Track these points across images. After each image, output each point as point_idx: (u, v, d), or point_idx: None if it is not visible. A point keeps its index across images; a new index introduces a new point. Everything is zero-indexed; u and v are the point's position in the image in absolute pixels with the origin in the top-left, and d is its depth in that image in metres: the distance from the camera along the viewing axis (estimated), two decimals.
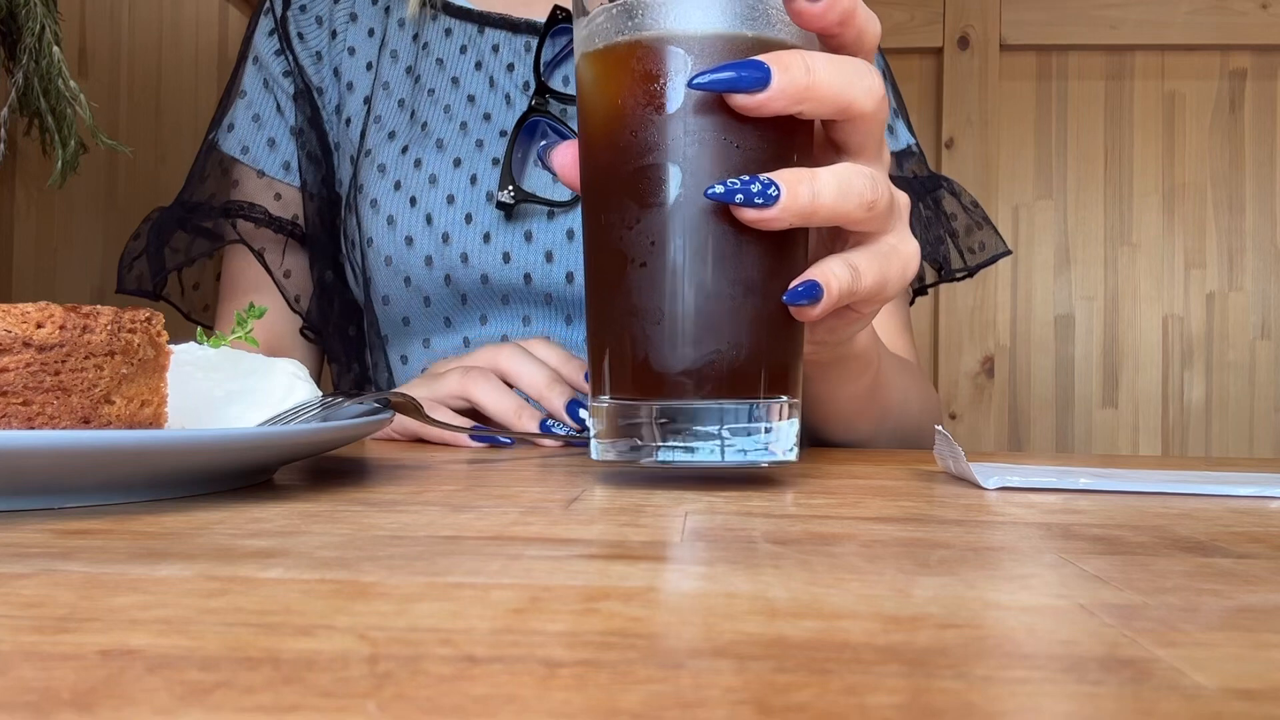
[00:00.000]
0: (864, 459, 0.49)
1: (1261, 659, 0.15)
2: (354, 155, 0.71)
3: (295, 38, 0.74)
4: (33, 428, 0.27)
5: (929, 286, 0.76)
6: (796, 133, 0.34)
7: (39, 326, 0.28)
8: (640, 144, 0.33)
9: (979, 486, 0.35)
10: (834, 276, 0.34)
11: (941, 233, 0.74)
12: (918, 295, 0.79)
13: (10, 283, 1.49)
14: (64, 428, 0.28)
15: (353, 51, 0.73)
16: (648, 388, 0.33)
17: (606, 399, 0.34)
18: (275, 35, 0.75)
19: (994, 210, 1.60)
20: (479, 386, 0.53)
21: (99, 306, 0.29)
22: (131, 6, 1.51)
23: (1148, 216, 1.60)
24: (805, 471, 0.41)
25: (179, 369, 0.35)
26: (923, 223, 0.74)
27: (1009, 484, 0.35)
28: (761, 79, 0.32)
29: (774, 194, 0.32)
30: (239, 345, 0.42)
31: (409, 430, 0.56)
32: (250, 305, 0.45)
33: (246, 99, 0.75)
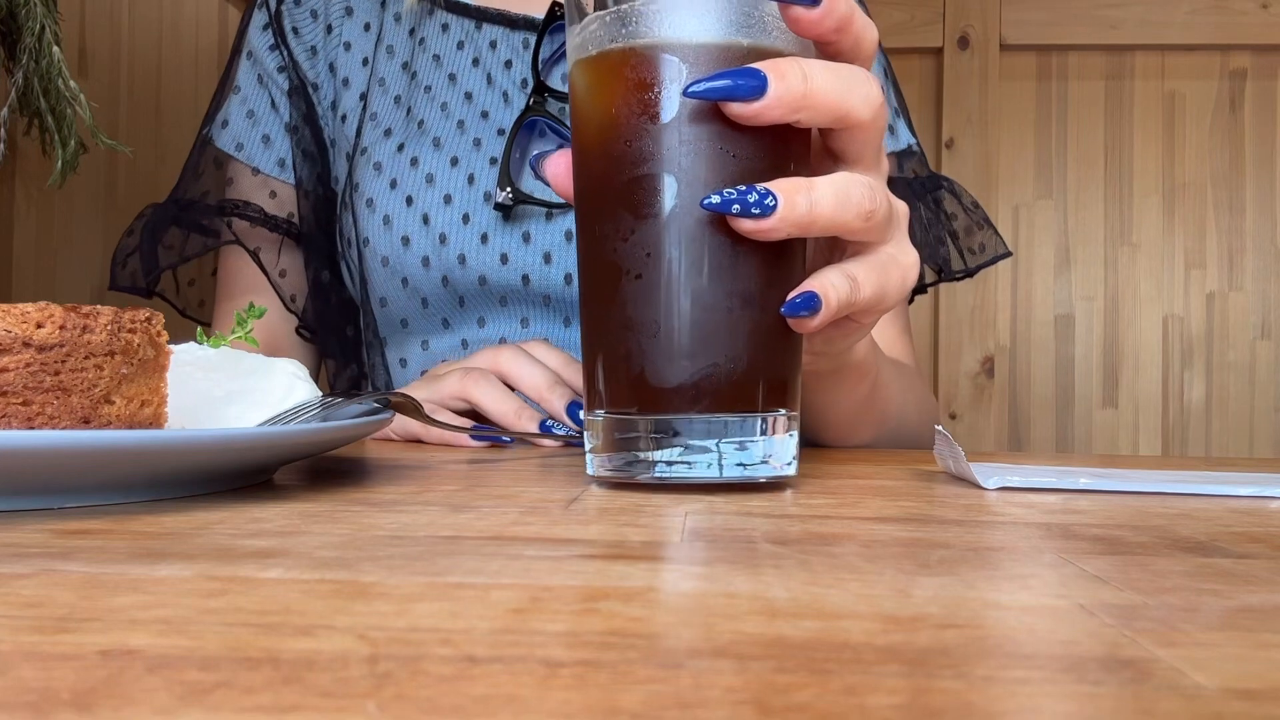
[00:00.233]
0: (864, 459, 0.49)
1: (1262, 659, 0.15)
2: (349, 152, 0.70)
3: (290, 32, 0.73)
4: (33, 428, 0.27)
5: (929, 286, 0.76)
6: (793, 141, 0.34)
7: (39, 326, 0.28)
8: (635, 153, 0.32)
9: (979, 486, 0.35)
10: (832, 288, 0.33)
11: (942, 233, 0.74)
12: (917, 294, 0.79)
13: (10, 283, 1.49)
14: (64, 428, 0.28)
15: (348, 47, 0.73)
16: (644, 402, 0.33)
17: (601, 413, 0.34)
18: (269, 30, 0.74)
19: (994, 210, 1.60)
20: (479, 387, 0.53)
21: (99, 306, 0.29)
22: (131, 6, 1.51)
23: (1148, 216, 1.60)
24: (805, 471, 0.41)
25: (179, 369, 0.35)
26: (923, 223, 0.73)
27: (1009, 484, 0.35)
28: (758, 87, 0.31)
29: (771, 204, 0.31)
30: (239, 345, 0.42)
31: (409, 431, 0.56)
32: (250, 305, 0.45)
33: (240, 94, 0.74)
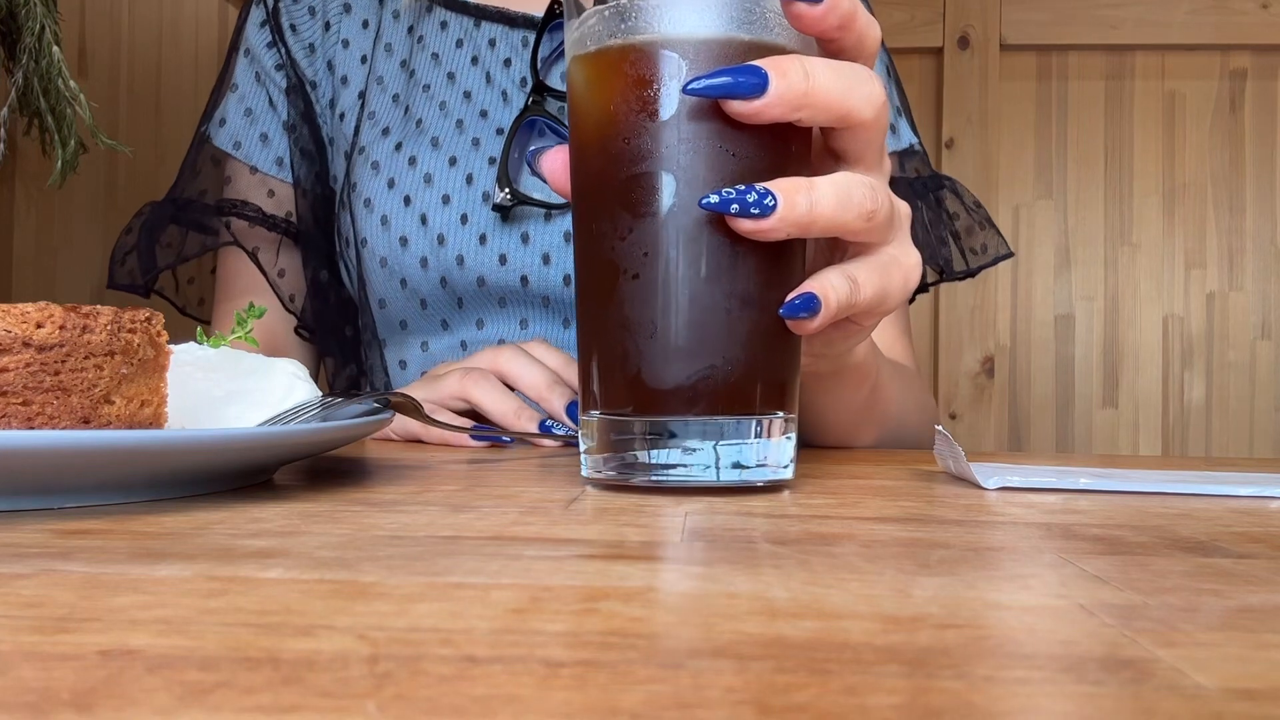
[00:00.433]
0: (864, 459, 0.49)
1: (1262, 659, 0.15)
2: (348, 151, 0.70)
3: (288, 29, 0.73)
4: (32, 428, 0.27)
5: (930, 285, 0.76)
6: (794, 140, 0.33)
7: (39, 326, 0.28)
8: (633, 151, 0.32)
9: (979, 486, 0.35)
10: (832, 289, 0.33)
11: (944, 233, 0.74)
12: (918, 294, 0.79)
13: (10, 283, 1.49)
14: (64, 428, 0.28)
15: (346, 44, 0.72)
16: (640, 403, 0.32)
17: (597, 414, 0.34)
18: (267, 27, 0.73)
19: (994, 210, 1.60)
20: (479, 387, 0.53)
21: (99, 306, 0.29)
22: (131, 6, 1.51)
23: (1148, 216, 1.60)
24: (805, 472, 0.41)
25: (179, 369, 0.35)
26: (925, 223, 0.73)
27: (1009, 484, 0.35)
28: (759, 85, 0.31)
29: (770, 204, 0.31)
30: (239, 345, 0.42)
31: (409, 431, 0.56)
32: (250, 305, 0.45)
33: (238, 92, 0.73)
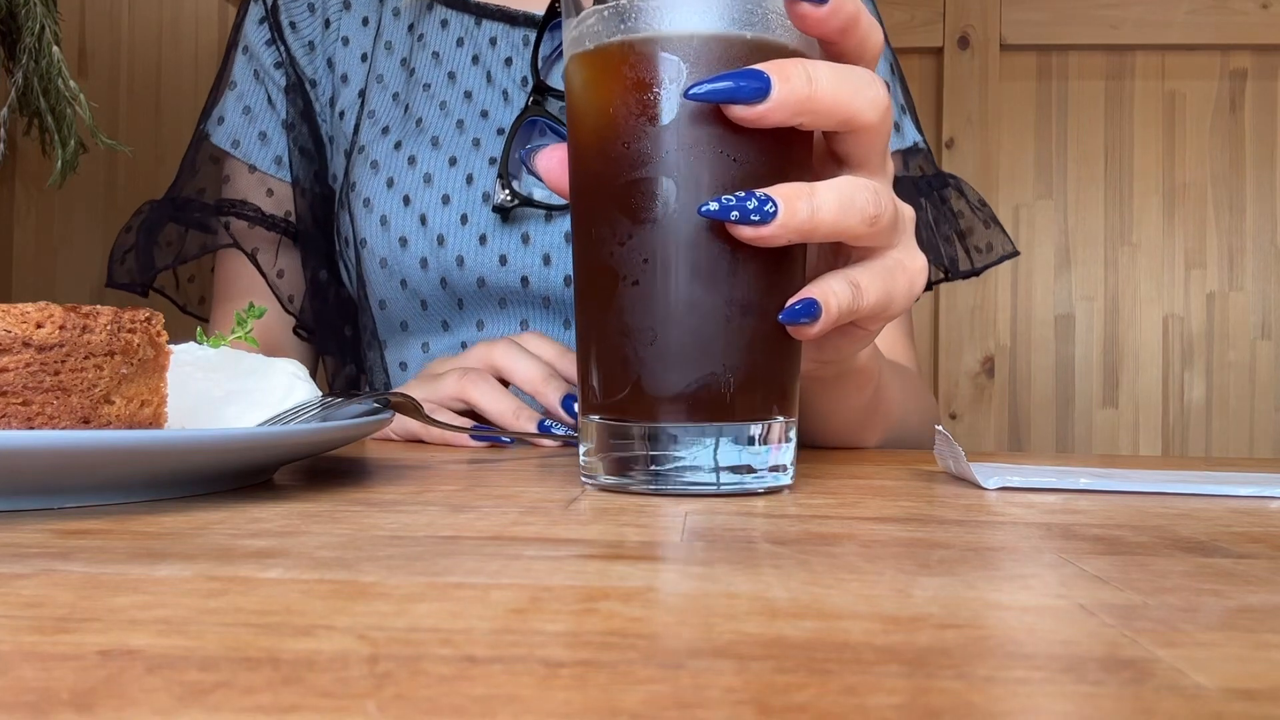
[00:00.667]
0: (864, 459, 0.49)
1: (1262, 659, 0.15)
2: (347, 150, 0.70)
3: (287, 27, 0.72)
4: (32, 428, 0.27)
5: (933, 284, 0.75)
6: (796, 144, 0.33)
7: (39, 326, 0.28)
8: (633, 156, 0.32)
9: (979, 486, 0.35)
10: (833, 294, 0.33)
11: (949, 231, 0.73)
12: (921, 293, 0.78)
13: (10, 283, 1.49)
14: (64, 428, 0.28)
15: (346, 41, 0.72)
16: (640, 410, 0.32)
17: (596, 419, 0.34)
18: (266, 24, 0.73)
19: (994, 210, 1.60)
20: (477, 388, 0.53)
21: (99, 306, 0.29)
22: (131, 6, 1.51)
23: (1148, 216, 1.60)
24: (805, 472, 0.41)
25: (179, 369, 0.35)
26: (929, 221, 0.73)
27: (1009, 484, 0.35)
28: (761, 89, 0.30)
29: (771, 210, 0.30)
30: (239, 345, 0.42)
31: (409, 430, 0.56)
32: (250, 305, 0.45)
33: (237, 90, 0.73)
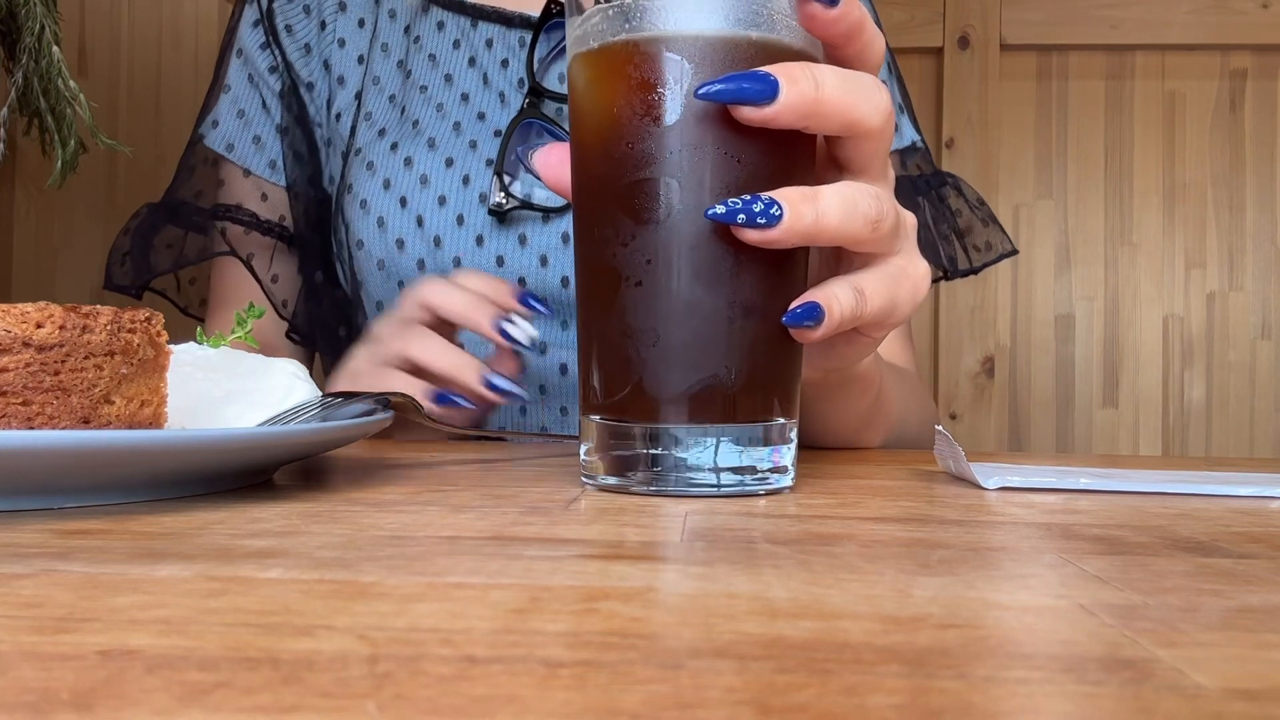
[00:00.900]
0: (864, 459, 0.49)
1: (1261, 659, 0.15)
2: (344, 152, 0.70)
3: (282, 30, 0.72)
4: (32, 428, 0.27)
5: (933, 283, 0.75)
6: (800, 147, 0.33)
7: (39, 326, 0.28)
8: (636, 156, 0.32)
9: (979, 486, 0.35)
10: (836, 299, 0.33)
11: (947, 230, 0.73)
12: None
13: (10, 283, 1.49)
14: (64, 428, 0.28)
15: (343, 43, 0.71)
16: (641, 410, 0.32)
17: (597, 419, 0.34)
18: (260, 27, 0.73)
19: (994, 210, 1.60)
20: (415, 345, 0.52)
21: (99, 306, 0.29)
22: (131, 6, 1.51)
23: (1148, 216, 1.60)
24: (805, 472, 0.41)
25: (179, 369, 0.35)
26: (928, 220, 0.73)
27: (1009, 484, 0.35)
28: (769, 91, 0.30)
29: (776, 214, 0.31)
30: (239, 345, 0.42)
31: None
32: (250, 305, 0.45)
33: (231, 94, 0.73)
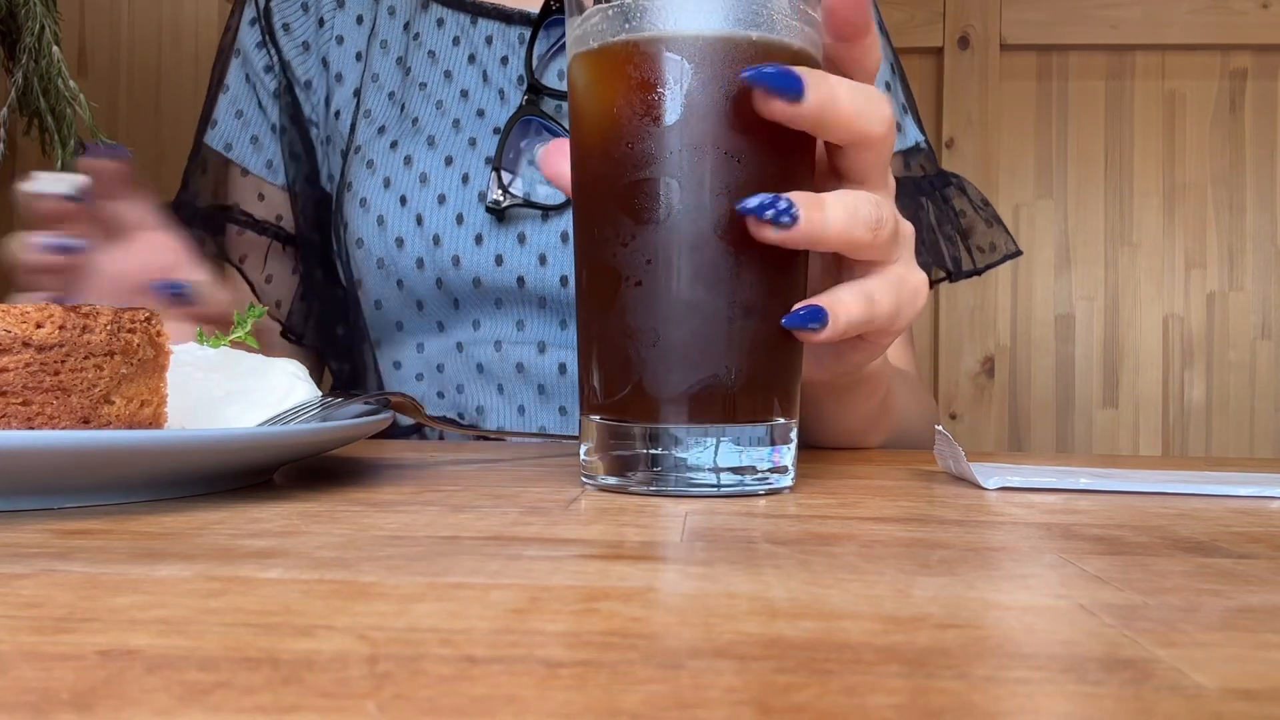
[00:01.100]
0: (864, 459, 0.49)
1: (1261, 659, 0.15)
2: (344, 149, 0.69)
3: (280, 29, 0.72)
4: (32, 428, 0.27)
5: (937, 283, 0.75)
6: (800, 150, 0.34)
7: (39, 326, 0.28)
8: (636, 156, 0.32)
9: (979, 486, 0.35)
10: (843, 305, 0.33)
11: (951, 231, 0.73)
12: None
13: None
14: (64, 428, 0.28)
15: (341, 40, 0.71)
16: (641, 410, 0.32)
17: (597, 419, 0.34)
18: (257, 25, 0.73)
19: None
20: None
21: (99, 306, 0.29)
22: (131, 6, 1.52)
23: (1148, 216, 1.60)
24: (805, 471, 0.41)
25: (179, 369, 0.35)
26: (932, 221, 0.72)
27: (1009, 484, 0.35)
28: (798, 89, 0.31)
29: (796, 214, 0.31)
30: (239, 345, 0.42)
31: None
32: (250, 305, 0.45)
33: (230, 94, 0.73)
